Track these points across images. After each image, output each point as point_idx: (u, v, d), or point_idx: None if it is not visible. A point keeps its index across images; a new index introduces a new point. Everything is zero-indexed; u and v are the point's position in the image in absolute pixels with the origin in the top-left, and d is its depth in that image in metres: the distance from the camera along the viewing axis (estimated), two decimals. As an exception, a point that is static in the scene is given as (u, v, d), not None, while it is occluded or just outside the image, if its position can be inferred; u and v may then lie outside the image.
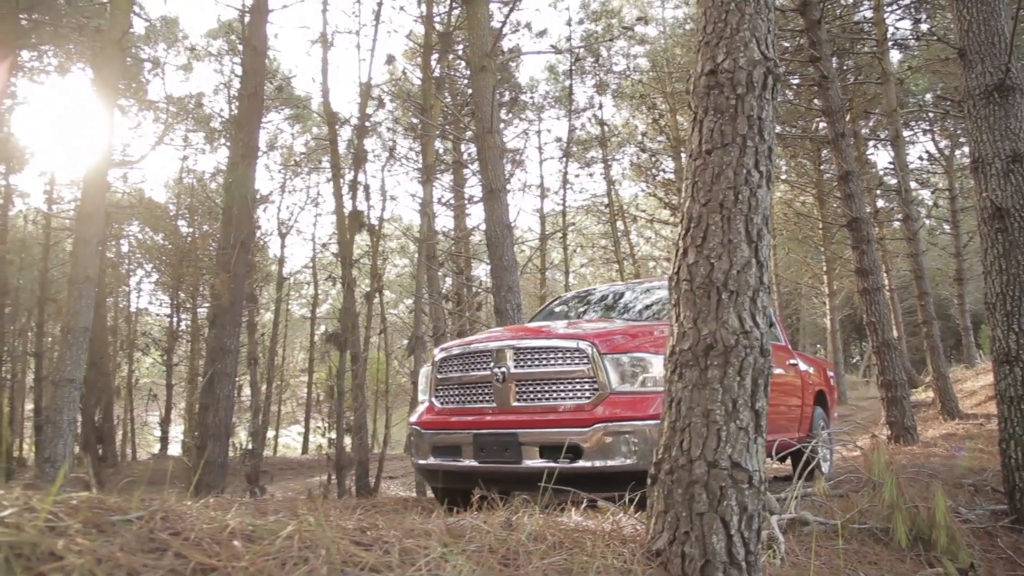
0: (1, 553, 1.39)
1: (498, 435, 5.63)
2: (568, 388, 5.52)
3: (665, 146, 27.82)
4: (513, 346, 5.80)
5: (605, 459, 5.17)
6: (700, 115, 3.26)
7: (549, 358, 5.64)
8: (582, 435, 5.26)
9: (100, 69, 11.41)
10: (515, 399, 5.69)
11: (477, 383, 5.97)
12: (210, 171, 31.43)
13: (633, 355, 5.43)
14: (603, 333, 5.71)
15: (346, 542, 2.04)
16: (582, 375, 5.47)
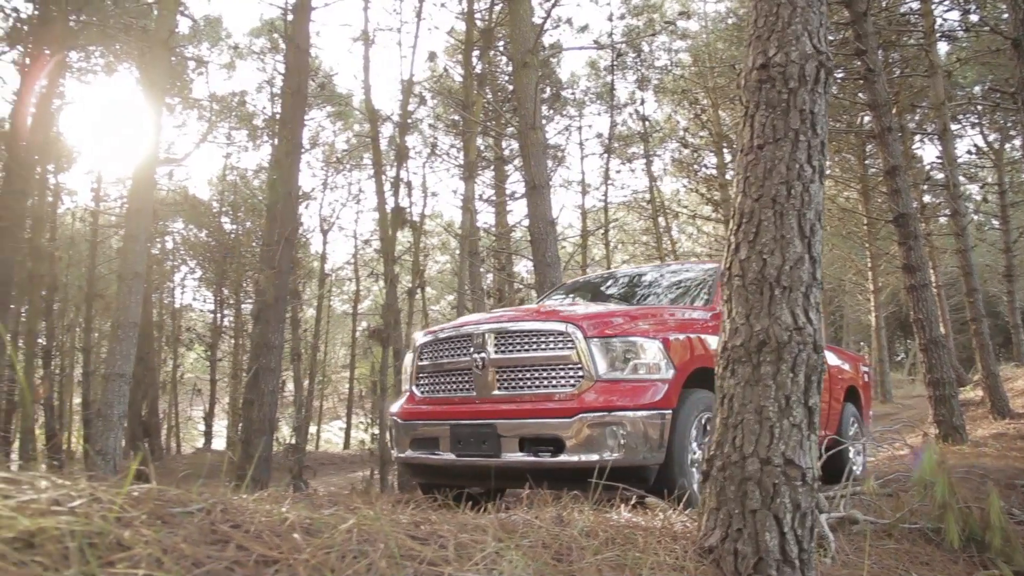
0: (75, 542, 1.42)
1: (476, 426, 5.23)
2: (552, 375, 5.11)
3: (707, 141, 27.64)
4: (494, 330, 5.40)
5: (589, 453, 4.76)
6: (751, 110, 3.23)
7: (531, 342, 5.23)
8: (564, 426, 4.87)
9: (147, 69, 11.58)
10: (496, 387, 5.29)
11: (458, 370, 5.58)
12: (253, 168, 31.75)
13: (623, 339, 5.04)
14: (591, 315, 5.33)
15: (402, 536, 2.05)
16: (566, 361, 5.05)
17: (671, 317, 5.72)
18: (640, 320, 5.38)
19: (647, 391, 4.90)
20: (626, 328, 5.16)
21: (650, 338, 5.07)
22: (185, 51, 25.73)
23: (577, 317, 5.20)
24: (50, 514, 1.54)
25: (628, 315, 5.51)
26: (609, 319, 5.29)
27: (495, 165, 23.94)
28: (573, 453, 4.80)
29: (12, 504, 1.55)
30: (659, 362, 5.02)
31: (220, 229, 31.02)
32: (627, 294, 7.48)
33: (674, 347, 5.15)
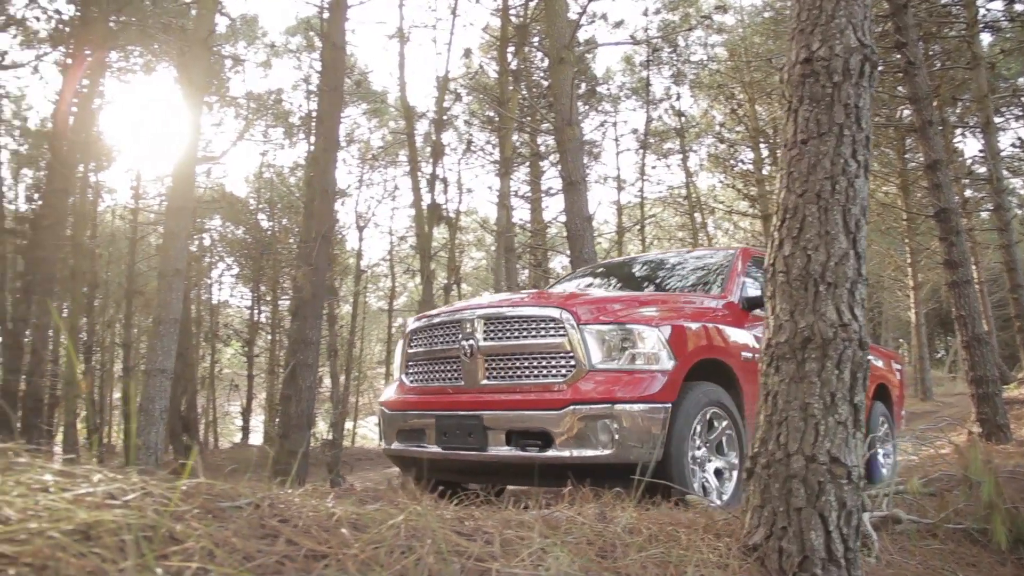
0: (132, 535, 1.44)
1: (461, 417, 4.94)
2: (543, 364, 4.78)
3: (743, 136, 27.44)
4: (483, 315, 5.08)
5: (579, 448, 4.46)
6: (795, 104, 3.20)
7: (521, 329, 4.91)
8: (552, 419, 4.55)
9: (187, 68, 11.70)
10: (485, 376, 4.98)
11: (446, 358, 5.28)
12: (289, 165, 32.03)
13: (619, 327, 4.71)
14: (585, 301, 5.05)
15: (447, 531, 2.06)
16: (558, 349, 4.73)
17: (675, 304, 5.47)
18: (640, 307, 5.12)
19: (644, 382, 4.58)
20: (623, 315, 4.87)
21: (649, 326, 4.75)
22: (222, 50, 25.97)
23: (571, 302, 4.91)
24: (105, 507, 1.56)
25: (627, 301, 5.28)
26: (605, 305, 5.02)
27: (530, 161, 23.94)
28: (562, 448, 4.51)
29: (69, 497, 1.58)
30: (658, 352, 4.68)
31: (257, 226, 31.33)
32: (643, 280, 7.19)
33: (676, 336, 4.85)
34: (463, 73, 22.30)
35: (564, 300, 4.98)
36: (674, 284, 6.76)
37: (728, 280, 6.13)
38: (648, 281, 7.08)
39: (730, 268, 6.30)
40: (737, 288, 6.04)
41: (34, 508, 1.49)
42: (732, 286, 6.05)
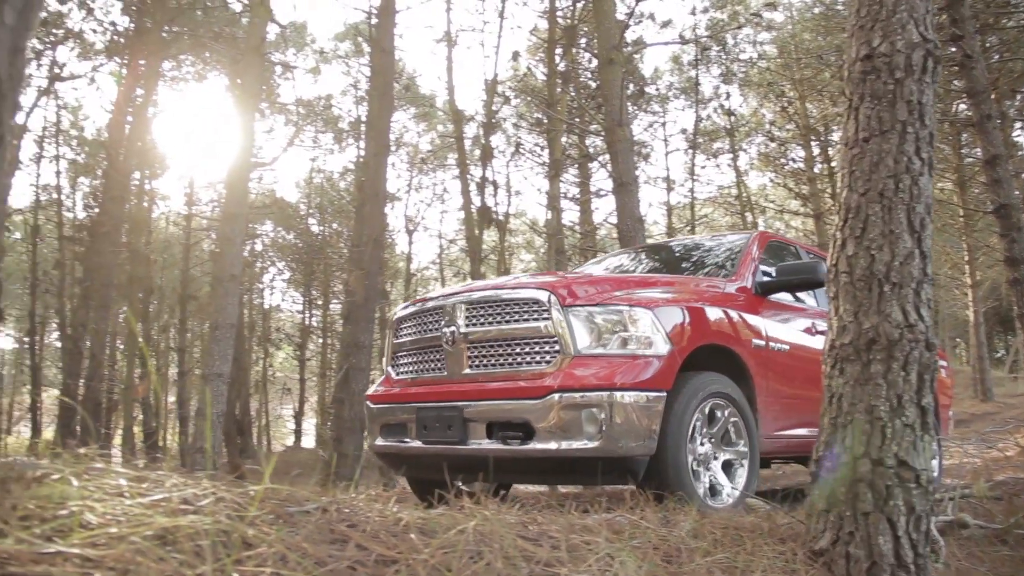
0: (208, 540, 1.46)
1: (441, 409, 4.61)
2: (527, 351, 4.44)
3: (794, 134, 27.11)
4: (465, 300, 4.76)
5: (562, 440, 4.08)
6: (856, 102, 3.16)
7: (504, 313, 4.57)
8: (533, 409, 4.17)
9: (240, 75, 11.88)
10: (468, 365, 4.66)
11: (429, 347, 4.97)
12: (339, 170, 32.34)
13: (608, 308, 4.34)
14: (572, 281, 4.71)
15: (514, 536, 2.05)
16: (541, 333, 4.37)
17: (675, 286, 5.15)
18: (635, 288, 4.81)
19: (635, 369, 4.19)
20: (612, 296, 4.51)
21: (642, 307, 4.36)
22: (272, 57, 26.33)
23: (556, 283, 4.58)
24: (180, 513, 1.58)
25: (621, 282, 4.97)
26: (594, 286, 4.68)
27: (579, 163, 23.89)
28: (544, 440, 4.13)
29: (146, 502, 1.60)
30: (652, 336, 4.30)
31: (308, 231, 31.64)
32: (660, 264, 6.87)
33: (672, 319, 4.47)
34: (511, 76, 22.38)
35: (550, 281, 4.66)
36: (688, 268, 6.46)
37: (740, 263, 5.79)
38: (665, 266, 6.80)
39: (744, 251, 5.97)
40: (750, 272, 5.70)
41: (113, 513, 1.51)
42: (744, 270, 5.72)
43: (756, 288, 5.59)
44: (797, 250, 6.80)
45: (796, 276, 5.58)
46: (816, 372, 5.81)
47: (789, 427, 5.50)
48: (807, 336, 5.88)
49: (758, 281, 5.64)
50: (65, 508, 1.50)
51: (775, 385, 5.28)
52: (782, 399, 5.37)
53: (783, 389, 5.40)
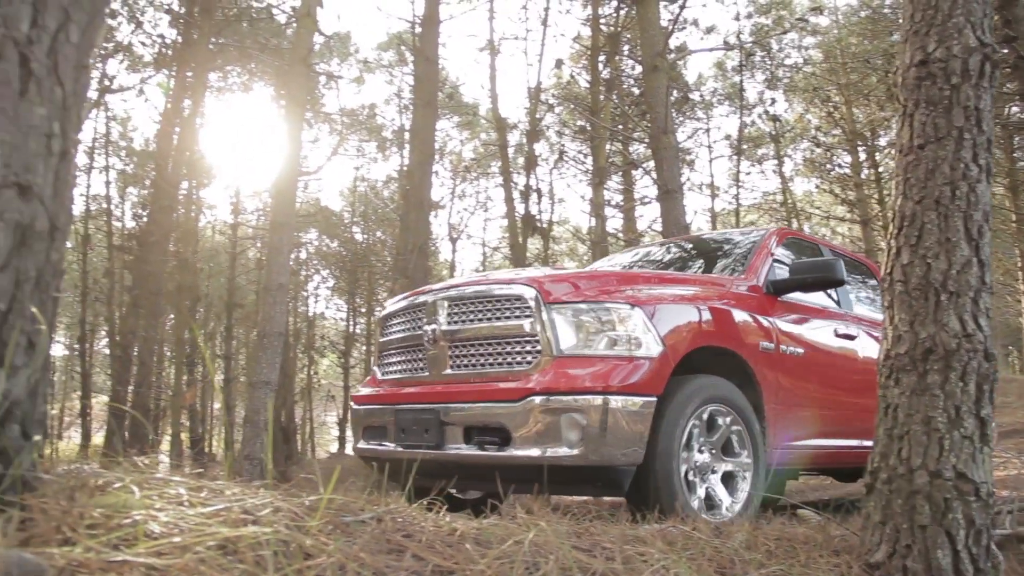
0: (269, 550, 1.47)
1: (418, 411, 4.37)
2: (508, 350, 4.18)
3: (840, 139, 26.82)
4: (448, 296, 4.52)
5: (538, 446, 3.81)
6: (910, 108, 3.11)
7: (486, 310, 4.31)
8: (510, 412, 3.91)
9: (288, 86, 12.02)
10: (448, 365, 4.42)
11: (412, 346, 4.74)
12: (382, 179, 32.53)
13: (594, 305, 4.06)
14: (558, 276, 4.44)
15: (569, 548, 2.05)
16: (522, 332, 4.11)
17: (673, 283, 4.83)
18: (627, 284, 4.47)
19: (622, 371, 3.90)
20: (600, 292, 4.22)
21: (631, 305, 4.08)
22: (317, 67, 26.60)
23: (540, 278, 4.28)
24: (241, 523, 1.60)
25: (612, 278, 4.60)
26: (582, 281, 4.37)
27: (623, 170, 23.83)
28: (521, 446, 3.86)
29: (207, 512, 1.62)
30: (641, 336, 4.02)
31: (352, 239, 31.86)
32: (672, 263, 6.48)
33: (665, 318, 4.19)
34: (554, 83, 22.39)
35: (534, 276, 4.37)
36: (701, 266, 6.17)
37: (752, 261, 5.47)
38: (678, 263, 6.46)
39: (757, 248, 5.64)
40: (762, 270, 5.37)
41: (175, 522, 1.53)
42: (756, 267, 5.40)
43: (768, 287, 5.27)
44: (819, 248, 6.49)
45: (811, 275, 5.20)
46: (839, 377, 5.69)
47: (805, 437, 5.20)
48: (827, 340, 5.65)
49: (771, 280, 5.32)
50: (129, 517, 1.52)
51: (788, 392, 4.98)
52: (797, 407, 5.08)
53: (798, 396, 5.11)
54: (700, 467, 4.24)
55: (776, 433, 4.82)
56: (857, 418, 5.55)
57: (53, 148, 1.70)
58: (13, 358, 1.59)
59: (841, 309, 6.06)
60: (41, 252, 1.68)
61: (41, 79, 1.66)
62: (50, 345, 1.72)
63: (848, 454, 5.70)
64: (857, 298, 6.58)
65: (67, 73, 1.73)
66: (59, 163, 1.73)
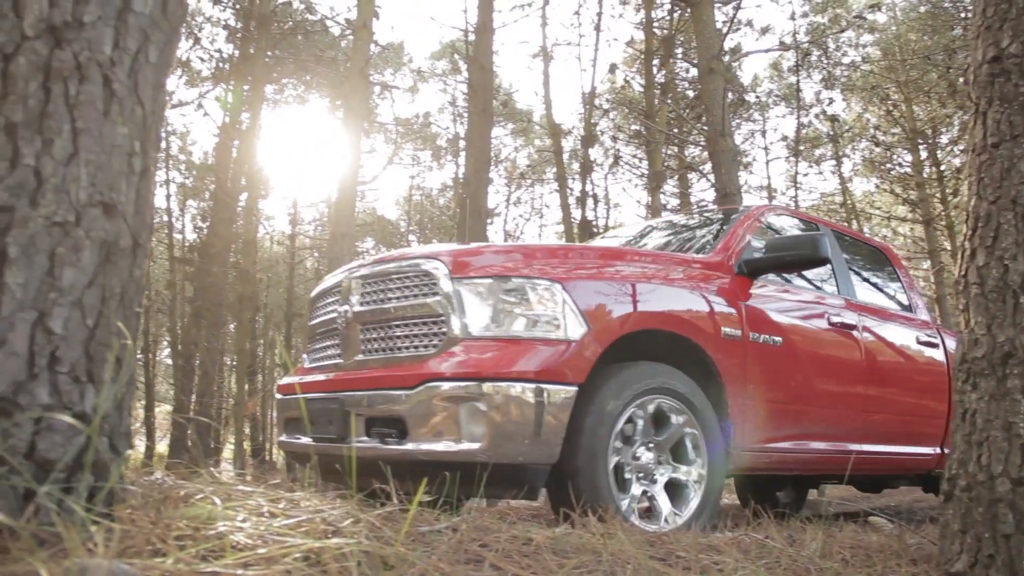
0: (354, 560, 1.48)
1: (325, 401, 3.92)
2: (415, 332, 3.72)
3: (900, 138, 26.34)
4: (360, 276, 4.09)
5: (436, 440, 3.36)
6: (983, 106, 3.04)
7: (394, 288, 3.86)
8: (405, 400, 3.44)
9: (345, 97, 12.17)
10: (360, 350, 3.99)
11: (330, 330, 4.32)
12: (437, 187, 32.73)
13: (506, 280, 3.56)
14: (472, 249, 3.96)
15: (645, 557, 2.03)
16: (428, 310, 3.65)
17: (613, 258, 4.34)
18: (550, 257, 3.94)
19: (535, 354, 3.41)
20: (515, 266, 3.71)
21: (548, 280, 3.56)
22: (371, 77, 26.87)
23: (451, 251, 3.84)
24: (324, 534, 1.61)
25: (532, 250, 4.07)
26: (494, 254, 3.89)
27: (679, 174, 23.69)
28: (419, 439, 3.41)
29: (290, 523, 1.64)
30: (559, 315, 3.51)
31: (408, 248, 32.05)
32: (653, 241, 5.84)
33: (593, 296, 3.67)
34: (607, 88, 22.34)
35: (448, 249, 3.93)
36: (678, 245, 5.49)
37: (724, 238, 4.89)
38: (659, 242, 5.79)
39: (733, 225, 5.06)
40: (734, 248, 4.77)
41: (259, 534, 1.55)
42: (728, 245, 4.80)
43: (741, 267, 4.65)
44: (819, 228, 5.84)
45: (789, 253, 4.57)
46: (830, 372, 5.10)
47: (785, 439, 4.63)
48: (817, 329, 5.03)
49: (746, 259, 4.70)
50: (214, 528, 1.54)
51: (761, 386, 4.40)
52: (774, 404, 4.49)
53: (775, 392, 4.52)
54: (640, 467, 3.75)
55: (744, 433, 4.27)
56: (854, 418, 5.13)
57: (135, 166, 1.74)
58: (101, 373, 1.63)
59: (840, 295, 5.46)
60: (125, 269, 1.71)
61: (123, 99, 1.70)
62: (135, 360, 1.75)
63: (843, 460, 4.96)
64: (865, 285, 6.02)
65: (147, 93, 1.77)
66: (140, 181, 1.77)
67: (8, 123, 1.53)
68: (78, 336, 1.59)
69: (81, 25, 1.62)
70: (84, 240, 1.61)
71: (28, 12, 1.56)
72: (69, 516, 1.45)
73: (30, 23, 1.56)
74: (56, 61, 1.59)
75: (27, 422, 1.49)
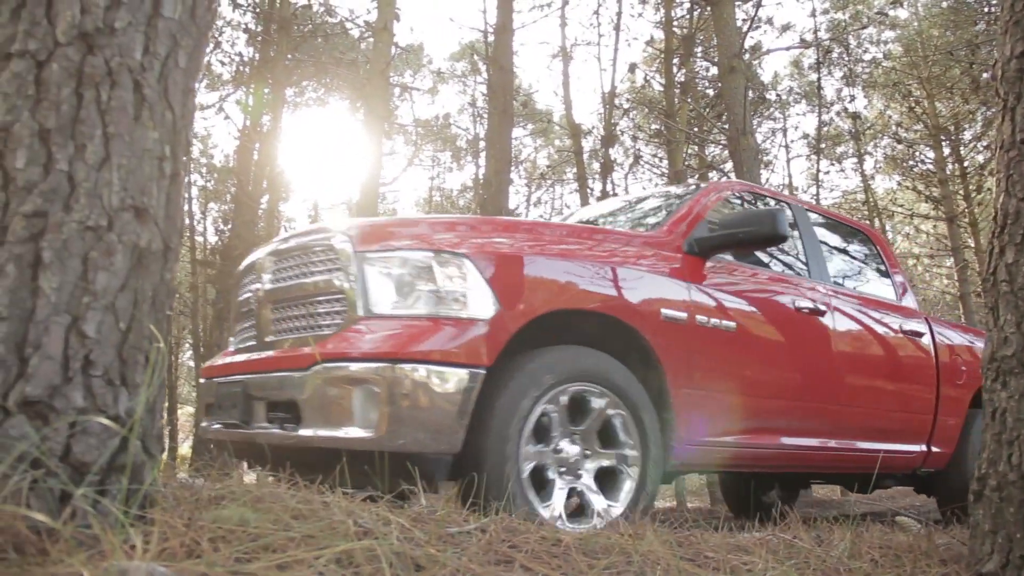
0: (386, 562, 1.48)
1: (230, 384, 3.71)
2: (320, 311, 3.44)
3: (923, 135, 26.14)
4: (271, 252, 3.86)
5: (327, 426, 3.12)
6: (1011, 102, 3.01)
7: (301, 264, 3.61)
8: (298, 383, 3.22)
9: (367, 99, 12.21)
10: (271, 331, 3.72)
11: (247, 310, 4.05)
12: (457, 188, 32.78)
13: (413, 254, 3.27)
14: (381, 223, 3.66)
15: (677, 558, 2.03)
16: (333, 289, 3.38)
17: (530, 232, 3.91)
18: (464, 231, 3.57)
19: (436, 335, 3.13)
20: (422, 240, 3.37)
21: (454, 254, 3.28)
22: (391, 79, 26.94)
23: (357, 224, 3.57)
24: (356, 536, 1.62)
25: (445, 224, 3.68)
26: (402, 227, 3.56)
27: (700, 173, 23.62)
28: (312, 424, 3.17)
29: (321, 525, 1.64)
30: (466, 292, 3.23)
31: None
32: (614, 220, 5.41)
33: (506, 272, 3.36)
34: (627, 87, 22.30)
35: (357, 223, 3.64)
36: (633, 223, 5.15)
37: (674, 214, 4.53)
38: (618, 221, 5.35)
39: (687, 201, 4.70)
40: (684, 225, 4.40)
41: (293, 536, 1.56)
42: (678, 222, 4.43)
43: (692, 246, 4.28)
44: (792, 207, 5.44)
45: (743, 229, 4.20)
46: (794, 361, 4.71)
47: (739, 433, 4.26)
48: (779, 314, 4.64)
49: (697, 238, 4.33)
50: (247, 530, 1.55)
51: (711, 375, 4.05)
52: (727, 394, 4.16)
53: (728, 382, 4.18)
54: (564, 461, 3.44)
55: (690, 425, 3.92)
56: (823, 413, 4.78)
57: (165, 171, 1.76)
58: (134, 376, 1.64)
59: (810, 279, 5.06)
60: (156, 272, 1.73)
61: (153, 104, 1.71)
62: (166, 363, 1.77)
63: (812, 457, 4.77)
64: (843, 269, 5.68)
65: (176, 97, 1.79)
66: (170, 185, 1.79)
67: (42, 129, 1.55)
68: (111, 339, 1.61)
69: (112, 31, 1.63)
70: (116, 244, 1.62)
71: (61, 19, 1.57)
72: (105, 518, 1.47)
73: (62, 30, 1.58)
74: (88, 67, 1.60)
75: (62, 425, 1.50)
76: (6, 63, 1.54)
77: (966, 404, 5.75)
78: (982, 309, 11.32)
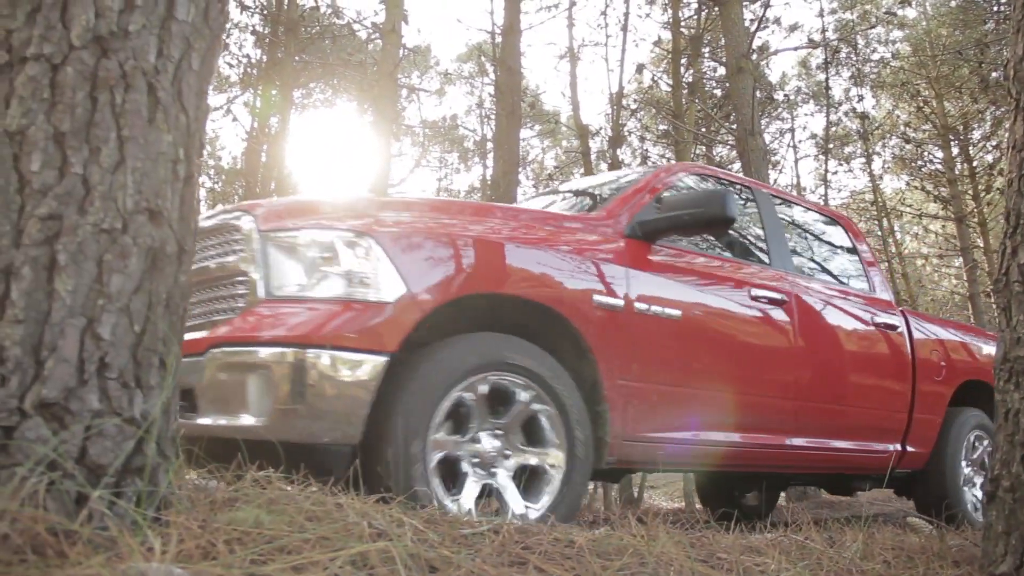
0: (400, 564, 1.49)
1: None
2: (224, 294, 3.25)
3: (931, 135, 26.07)
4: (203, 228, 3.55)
5: (220, 414, 2.97)
6: (1022, 102, 3.01)
7: (211, 246, 3.39)
8: (193, 369, 2.99)
9: (375, 100, 12.23)
10: (192, 315, 3.37)
11: None
12: (465, 189, 32.77)
13: (317, 233, 3.11)
14: (288, 203, 3.53)
15: (690, 559, 2.03)
16: (236, 271, 3.18)
17: (448, 212, 3.67)
18: (375, 210, 3.40)
19: (335, 318, 2.96)
20: (328, 219, 3.21)
21: (357, 234, 3.09)
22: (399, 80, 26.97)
23: (264, 203, 3.45)
24: (370, 538, 1.62)
25: (355, 203, 3.54)
26: (309, 206, 3.41)
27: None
28: (205, 412, 3.02)
29: (336, 527, 1.65)
30: (371, 273, 3.04)
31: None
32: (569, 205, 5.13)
33: (416, 253, 3.17)
34: (635, 88, 22.28)
35: (266, 201, 3.51)
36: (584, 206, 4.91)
37: (618, 197, 4.29)
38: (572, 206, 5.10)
39: (634, 184, 4.44)
40: (627, 208, 4.15)
41: (308, 537, 1.56)
42: (620, 204, 4.19)
43: (634, 230, 4.03)
44: (752, 190, 5.20)
45: (688, 211, 3.94)
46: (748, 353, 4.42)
47: (685, 428, 4.01)
48: (730, 303, 4.38)
49: (640, 221, 4.07)
50: (262, 532, 1.56)
51: (652, 366, 3.82)
52: (670, 387, 3.92)
53: (672, 374, 3.93)
54: (480, 454, 3.24)
55: (628, 419, 3.69)
56: (780, 408, 4.52)
57: (179, 173, 1.76)
58: (148, 378, 1.64)
59: (772, 267, 4.80)
60: (170, 275, 1.73)
61: (167, 107, 1.72)
62: (180, 365, 1.77)
63: (769, 456, 4.52)
64: (809, 257, 5.44)
65: (190, 100, 1.79)
66: (184, 188, 1.79)
67: (56, 132, 1.55)
68: (126, 342, 1.61)
69: (126, 34, 1.64)
70: (131, 247, 1.63)
71: (75, 23, 1.58)
72: (122, 520, 1.47)
73: (77, 33, 1.58)
74: (102, 70, 1.61)
75: (78, 427, 1.51)
76: (21, 66, 1.54)
77: (945, 401, 5.53)
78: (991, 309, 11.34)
